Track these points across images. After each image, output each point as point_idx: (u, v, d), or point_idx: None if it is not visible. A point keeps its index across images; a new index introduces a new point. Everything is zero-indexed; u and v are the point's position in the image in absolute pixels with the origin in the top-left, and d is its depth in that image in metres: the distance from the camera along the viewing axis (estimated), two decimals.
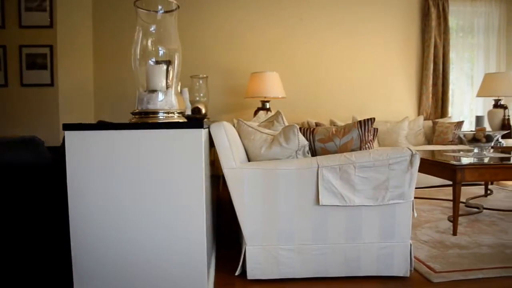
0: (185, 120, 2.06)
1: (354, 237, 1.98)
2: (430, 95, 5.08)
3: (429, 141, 4.76)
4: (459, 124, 4.61)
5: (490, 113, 4.71)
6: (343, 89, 5.03)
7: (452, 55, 5.23)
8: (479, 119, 4.85)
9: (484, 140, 3.07)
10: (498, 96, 4.64)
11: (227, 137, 1.98)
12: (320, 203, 1.93)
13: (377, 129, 2.28)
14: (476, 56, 5.29)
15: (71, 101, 4.53)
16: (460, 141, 4.73)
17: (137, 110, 1.91)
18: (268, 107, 4.43)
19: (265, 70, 4.56)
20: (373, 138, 2.27)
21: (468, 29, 5.25)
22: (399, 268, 1.99)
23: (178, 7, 2.02)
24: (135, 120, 1.90)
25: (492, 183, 4.43)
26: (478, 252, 2.30)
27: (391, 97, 5.15)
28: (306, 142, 2.13)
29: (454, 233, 2.63)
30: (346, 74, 5.04)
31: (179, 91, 3.42)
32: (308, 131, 2.14)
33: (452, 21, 5.17)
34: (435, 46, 5.02)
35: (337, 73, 5.02)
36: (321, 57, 4.98)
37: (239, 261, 2.04)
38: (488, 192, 3.80)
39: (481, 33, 5.24)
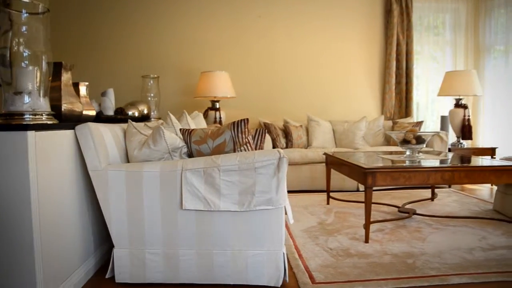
0: (56, 122, 2.02)
1: (222, 243, 1.88)
2: (394, 94, 4.88)
3: (388, 142, 4.57)
4: (418, 124, 4.41)
5: (451, 113, 4.49)
6: (302, 88, 4.89)
7: (419, 53, 5.02)
8: (443, 119, 4.67)
9: (414, 141, 2.91)
10: (459, 95, 4.41)
11: (92, 138, 1.92)
12: (184, 207, 1.85)
13: (265, 130, 2.17)
14: (443, 54, 5.06)
15: None
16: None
17: (2, 112, 1.88)
18: (217, 107, 4.34)
19: (218, 69, 4.49)
20: (257, 140, 2.16)
21: (435, 26, 5.03)
22: (270, 277, 1.88)
23: (48, 10, 1.97)
24: (1, 122, 1.87)
25: (449, 186, 4.23)
26: (376, 262, 2.17)
27: (353, 97, 4.98)
28: (180, 144, 2.05)
29: (366, 240, 2.49)
30: (306, 73, 4.90)
31: (82, 91, 3.35)
32: (186, 132, 2.06)
33: (418, 18, 4.96)
34: (398, 44, 4.82)
35: (296, 72, 4.88)
36: (278, 55, 4.86)
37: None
38: (435, 195, 3.61)
39: (448, 30, 5.01)
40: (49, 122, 1.96)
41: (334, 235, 2.64)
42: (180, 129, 2.11)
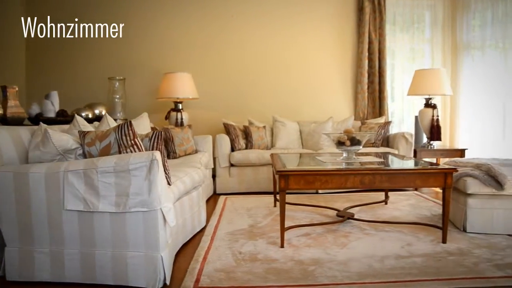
0: None
1: (103, 244, 1.90)
2: (366, 94, 4.72)
3: None
4: (386, 124, 4.24)
5: (421, 113, 4.28)
6: (271, 88, 4.83)
7: (395, 51, 4.83)
8: (417, 120, 4.48)
9: (348, 143, 2.80)
10: (429, 95, 4.19)
11: None
12: (65, 208, 1.88)
13: (161, 132, 2.16)
14: (421, 52, 4.84)
15: None
16: (387, 143, 4.38)
17: None
18: (180, 108, 4.37)
19: (185, 70, 4.51)
20: (153, 143, 2.16)
21: (411, 24, 4.80)
22: (148, 279, 1.88)
23: None
24: None
25: (416, 189, 4.04)
26: (275, 267, 2.11)
27: (325, 97, 4.86)
28: (74, 146, 2.08)
29: (281, 245, 2.43)
30: (275, 73, 4.83)
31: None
32: (81, 134, 2.09)
33: (392, 16, 4.76)
34: (370, 42, 4.65)
35: (265, 72, 4.83)
36: (247, 56, 4.81)
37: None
38: (387, 198, 3.46)
39: (425, 28, 4.78)
40: None
41: (256, 239, 2.59)
42: (78, 131, 2.14)
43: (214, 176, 4.06)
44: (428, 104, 4.22)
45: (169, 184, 2.19)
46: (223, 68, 4.82)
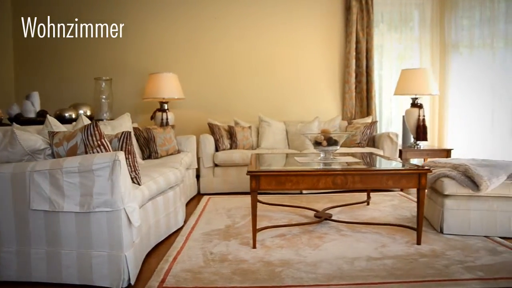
0: None
1: (69, 244, 1.91)
2: (354, 94, 4.70)
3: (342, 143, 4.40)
4: (372, 124, 4.22)
5: (407, 113, 4.26)
6: (259, 88, 4.81)
7: (383, 51, 4.81)
8: (404, 119, 4.46)
9: (325, 143, 2.79)
10: (416, 94, 4.17)
11: None
12: (31, 207, 1.89)
13: (129, 133, 2.16)
14: (410, 51, 4.81)
15: None
16: (373, 143, 4.35)
17: None
18: (165, 108, 4.37)
19: (172, 70, 4.51)
20: (122, 143, 2.16)
21: (400, 23, 4.77)
22: (112, 279, 1.89)
23: None
24: None
25: (402, 190, 4.02)
26: (243, 268, 2.11)
27: (313, 97, 4.84)
28: (42, 146, 2.09)
29: (254, 246, 2.42)
30: (262, 73, 4.81)
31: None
32: (51, 135, 2.09)
33: (381, 15, 4.73)
34: (358, 41, 4.63)
35: (252, 72, 4.81)
36: (234, 56, 4.79)
37: None
38: (369, 199, 3.45)
39: (413, 27, 4.75)
40: None
41: (229, 239, 2.59)
42: (48, 132, 2.15)
43: (198, 176, 4.06)
44: (415, 104, 4.20)
45: (138, 184, 2.20)
46: (210, 68, 4.82)
